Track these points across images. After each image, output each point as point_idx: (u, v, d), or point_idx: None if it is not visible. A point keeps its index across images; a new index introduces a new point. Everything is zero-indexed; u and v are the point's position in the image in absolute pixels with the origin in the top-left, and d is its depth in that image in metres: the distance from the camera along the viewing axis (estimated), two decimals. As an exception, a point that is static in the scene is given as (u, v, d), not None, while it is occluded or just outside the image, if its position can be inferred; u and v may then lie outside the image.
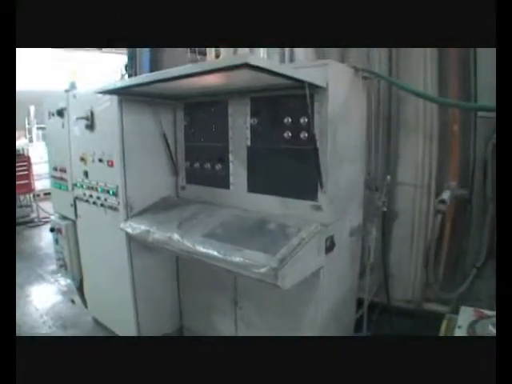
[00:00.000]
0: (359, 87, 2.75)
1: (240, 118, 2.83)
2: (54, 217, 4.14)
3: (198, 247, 2.46)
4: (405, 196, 3.23)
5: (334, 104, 2.41)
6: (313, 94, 2.33)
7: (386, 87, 3.16)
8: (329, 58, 3.04)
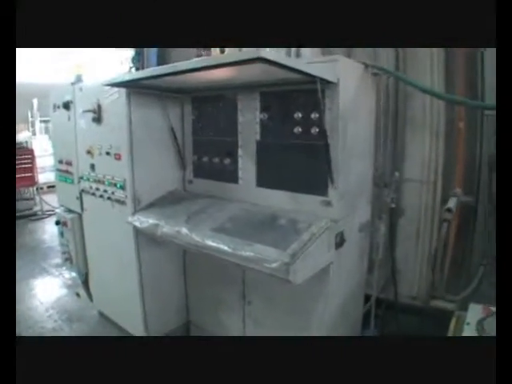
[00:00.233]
0: (368, 83, 2.73)
1: (250, 113, 2.81)
2: (59, 210, 4.12)
3: (208, 241, 2.44)
4: (411, 192, 3.21)
5: (345, 99, 2.38)
6: (323, 89, 2.31)
7: (393, 84, 3.13)
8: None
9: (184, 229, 2.62)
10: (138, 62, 3.92)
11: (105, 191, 3.31)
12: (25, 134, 9.74)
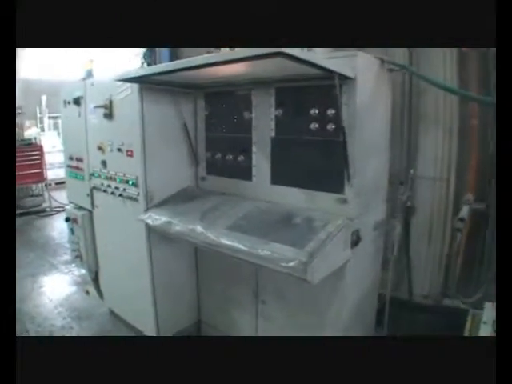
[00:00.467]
0: (385, 79, 2.69)
1: (264, 109, 2.76)
2: (69, 207, 4.11)
3: (223, 240, 2.40)
4: (423, 190, 3.17)
5: (362, 95, 2.35)
6: (341, 84, 2.27)
7: (408, 81, 3.09)
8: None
9: (199, 227, 2.58)
10: (150, 57, 3.89)
11: (116, 188, 3.28)
12: (33, 131, 9.77)
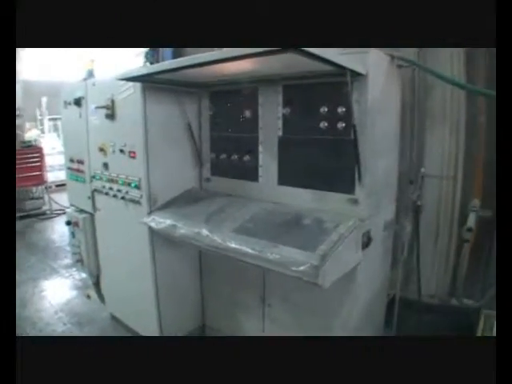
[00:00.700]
0: (394, 76, 2.63)
1: (271, 107, 2.69)
2: (69, 210, 4.03)
3: (230, 243, 2.33)
4: (430, 188, 3.12)
5: (374, 93, 2.28)
6: (352, 82, 2.20)
7: (417, 77, 3.02)
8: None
9: (204, 230, 2.50)
10: (153, 56, 3.82)
11: (118, 191, 3.20)
12: (33, 133, 9.72)
